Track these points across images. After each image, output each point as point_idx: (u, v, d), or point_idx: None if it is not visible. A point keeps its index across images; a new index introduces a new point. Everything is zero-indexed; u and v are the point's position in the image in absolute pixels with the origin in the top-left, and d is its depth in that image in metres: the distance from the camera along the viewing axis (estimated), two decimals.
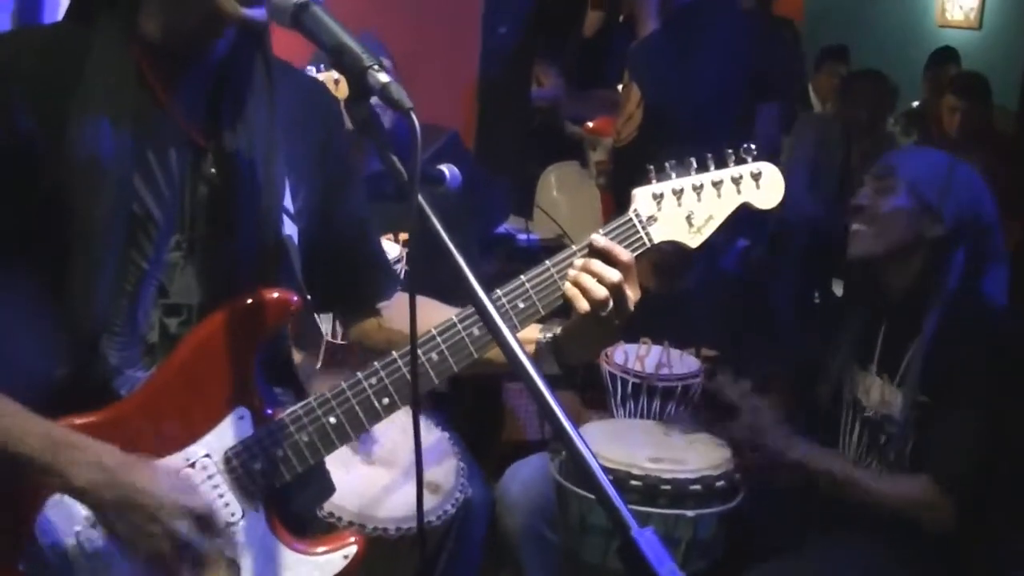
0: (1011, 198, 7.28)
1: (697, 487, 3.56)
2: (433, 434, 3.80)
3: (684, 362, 4.23)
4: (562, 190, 7.34)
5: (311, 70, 3.71)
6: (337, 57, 1.85)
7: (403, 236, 3.99)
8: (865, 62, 10.13)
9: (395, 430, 3.47)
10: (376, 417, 2.15)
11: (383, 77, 1.81)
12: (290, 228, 2.21)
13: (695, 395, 4.16)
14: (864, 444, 3.70)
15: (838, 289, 8.83)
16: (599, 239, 2.26)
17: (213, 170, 2.13)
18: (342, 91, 3.69)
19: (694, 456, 3.70)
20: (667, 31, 5.21)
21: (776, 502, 3.71)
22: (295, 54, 2.46)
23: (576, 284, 2.22)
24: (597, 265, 2.22)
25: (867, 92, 7.42)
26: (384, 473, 3.52)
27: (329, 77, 3.65)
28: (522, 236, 5.77)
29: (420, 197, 1.75)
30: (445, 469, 3.66)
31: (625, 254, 2.25)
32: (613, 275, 2.21)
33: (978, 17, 11.72)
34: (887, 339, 3.69)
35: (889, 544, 3.52)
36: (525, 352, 1.71)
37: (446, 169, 3.93)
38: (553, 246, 5.83)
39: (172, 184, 2.10)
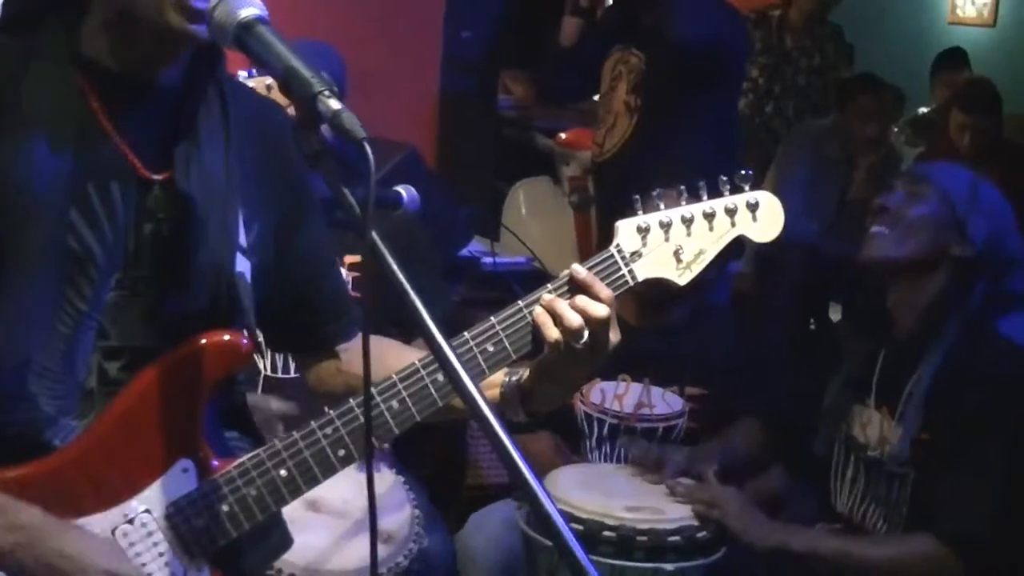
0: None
1: (676, 538, 3.61)
2: (387, 479, 3.85)
3: (667, 401, 4.27)
4: (532, 209, 7.42)
5: (242, 75, 3.74)
6: (285, 82, 1.89)
7: (349, 259, 4.02)
8: (871, 62, 10.24)
9: (344, 477, 3.53)
10: (331, 470, 2.21)
11: (334, 104, 1.84)
12: (242, 264, 2.26)
13: (679, 438, 4.22)
14: (860, 487, 3.77)
15: (835, 315, 8.92)
16: (580, 270, 2.28)
17: (161, 206, 2.18)
18: (276, 97, 3.77)
19: (674, 505, 3.76)
20: None
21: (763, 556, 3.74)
22: None
23: (549, 310, 2.24)
24: (579, 298, 2.24)
25: (870, 103, 7.49)
26: (333, 523, 3.57)
27: (260, 83, 3.72)
28: (488, 260, 5.81)
29: (375, 233, 1.79)
30: (399, 518, 3.71)
31: (605, 291, 2.27)
32: (585, 303, 2.24)
33: (992, 14, 11.85)
34: (885, 369, 3.76)
35: None
36: (486, 400, 1.76)
37: (403, 191, 3.97)
38: (522, 270, 5.90)
39: (114, 219, 2.13)
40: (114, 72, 2.13)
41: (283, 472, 2.18)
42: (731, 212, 2.41)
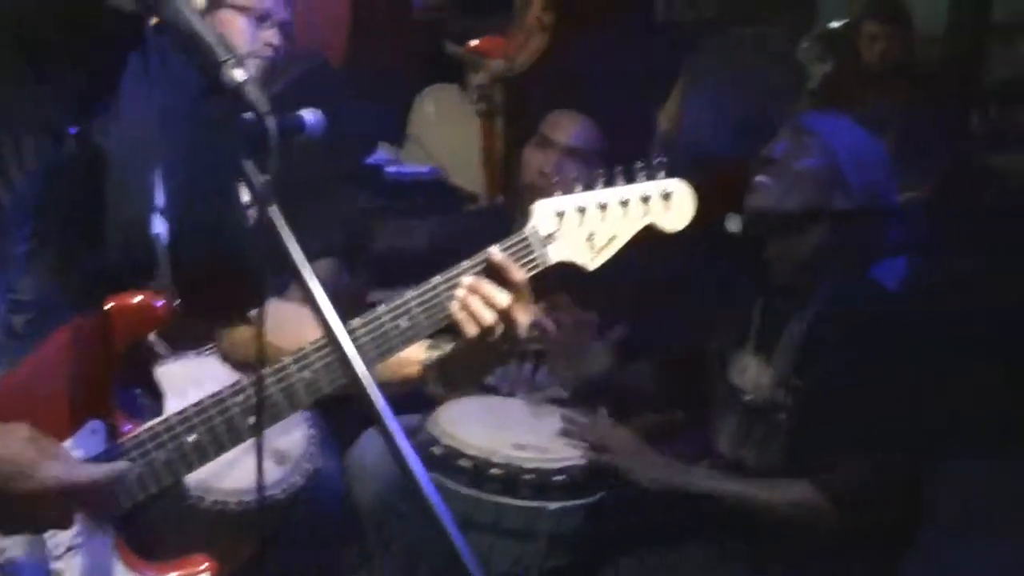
0: (928, 140, 7.58)
1: (561, 477, 3.74)
2: None
3: None
4: (439, 116, 7.39)
5: None
6: (190, 48, 1.92)
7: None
8: None
9: None
10: (239, 438, 2.28)
11: (239, 74, 1.88)
12: (159, 226, 2.29)
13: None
14: (742, 431, 3.90)
15: (732, 224, 9.04)
16: (496, 254, 2.41)
17: (76, 161, 2.19)
18: None
19: (561, 444, 3.88)
20: None
21: (643, 494, 3.83)
22: None
23: (464, 307, 2.37)
24: (487, 287, 2.37)
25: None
26: None
27: None
28: (391, 169, 5.86)
29: (273, 210, 1.84)
30: (294, 437, 3.79)
31: (519, 274, 2.40)
32: (502, 299, 2.37)
33: None
34: (764, 317, 3.90)
35: (764, 541, 3.72)
36: (374, 385, 1.83)
37: (308, 115, 3.98)
38: (425, 180, 5.98)
39: (26, 172, 2.14)
40: (38, 26, 2.13)
41: (191, 438, 2.24)
42: (645, 200, 2.52)
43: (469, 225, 5.00)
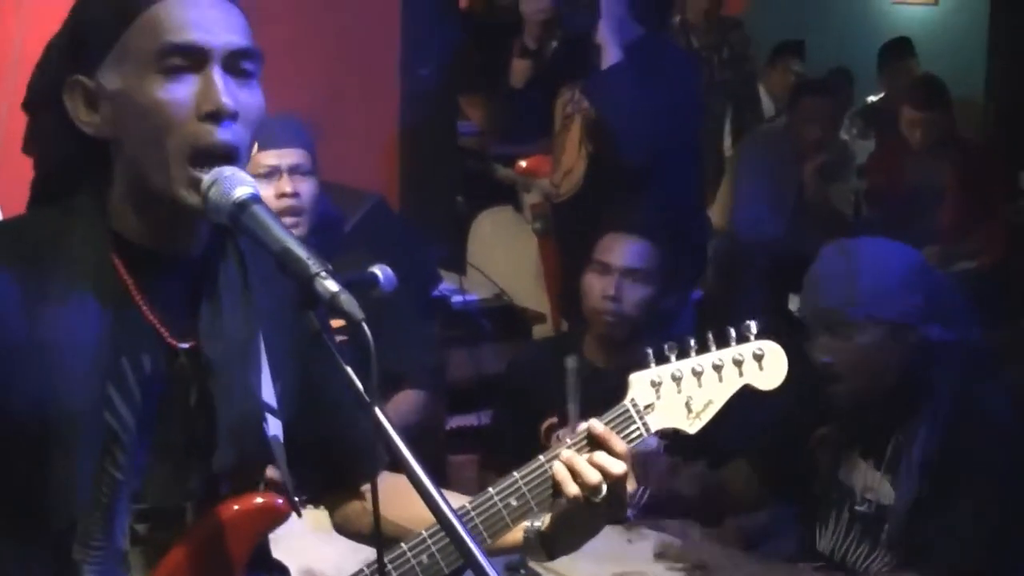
0: (983, 206, 7.65)
1: None
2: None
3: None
4: (497, 238, 7.52)
5: None
6: (281, 262, 1.97)
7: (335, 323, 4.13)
8: (818, 47, 10.47)
9: (334, 542, 3.62)
10: None
11: (332, 286, 1.90)
12: (275, 427, 2.34)
13: (658, 475, 4.40)
14: (844, 525, 3.95)
15: (794, 304, 9.10)
16: (597, 426, 2.43)
17: (188, 373, 2.26)
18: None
19: (661, 567, 3.94)
20: (631, 63, 5.45)
21: None
22: None
23: (568, 466, 2.40)
24: (597, 455, 2.39)
25: (815, 106, 7.73)
26: None
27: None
28: (457, 298, 5.92)
29: (378, 410, 1.89)
30: None
31: (621, 445, 2.42)
32: (615, 466, 2.38)
33: None
34: (867, 422, 3.92)
35: None
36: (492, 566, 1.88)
37: (379, 271, 4.04)
38: (491, 307, 6.04)
39: (146, 390, 2.22)
40: (141, 245, 2.22)
41: None
42: (739, 363, 2.55)
43: (540, 353, 5.04)
